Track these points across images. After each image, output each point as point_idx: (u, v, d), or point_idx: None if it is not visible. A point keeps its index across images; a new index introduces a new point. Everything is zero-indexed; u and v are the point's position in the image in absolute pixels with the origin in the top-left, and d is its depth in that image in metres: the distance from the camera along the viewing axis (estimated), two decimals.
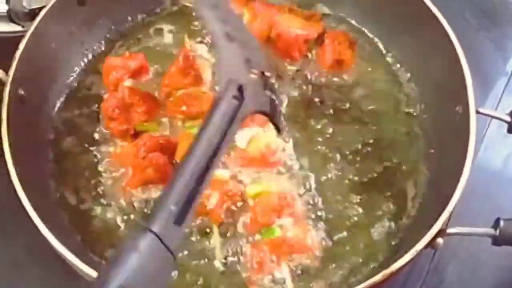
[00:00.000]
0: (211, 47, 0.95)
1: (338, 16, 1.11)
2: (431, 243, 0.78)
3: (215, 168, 0.68)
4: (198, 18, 0.99)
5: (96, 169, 0.95)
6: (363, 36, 1.09)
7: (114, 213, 0.91)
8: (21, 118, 0.90)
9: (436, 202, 0.83)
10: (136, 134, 0.95)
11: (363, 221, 0.90)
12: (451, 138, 0.91)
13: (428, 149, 0.96)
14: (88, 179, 0.94)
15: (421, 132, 0.98)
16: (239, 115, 0.75)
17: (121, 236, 0.88)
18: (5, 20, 1.07)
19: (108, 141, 0.97)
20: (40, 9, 0.98)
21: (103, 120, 0.98)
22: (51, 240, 0.77)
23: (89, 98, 1.02)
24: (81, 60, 1.06)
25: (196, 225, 0.88)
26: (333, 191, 0.92)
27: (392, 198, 0.92)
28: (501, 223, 0.79)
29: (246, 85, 0.78)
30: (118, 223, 0.90)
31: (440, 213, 0.78)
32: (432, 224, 0.78)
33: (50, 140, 0.98)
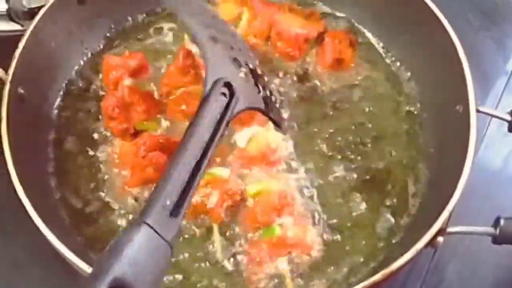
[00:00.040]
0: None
1: (338, 15, 1.11)
2: (431, 242, 0.78)
3: (208, 162, 0.69)
4: (181, 23, 0.98)
5: (96, 168, 0.95)
6: (363, 36, 1.09)
7: (114, 212, 0.91)
8: (20, 117, 0.90)
9: (436, 201, 0.83)
10: (136, 133, 0.95)
11: (363, 220, 0.90)
12: (451, 137, 0.91)
13: (428, 148, 0.96)
14: (88, 179, 0.94)
15: (421, 131, 0.98)
16: (230, 111, 0.76)
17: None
18: (5, 19, 1.07)
19: (108, 140, 0.97)
20: (39, 8, 0.98)
21: (103, 119, 0.98)
22: (51, 239, 0.77)
23: (88, 97, 1.02)
24: (81, 59, 1.06)
25: (196, 224, 0.88)
26: (333, 190, 0.92)
27: (393, 197, 0.92)
28: (501, 222, 0.79)
29: (235, 82, 0.78)
30: (118, 222, 0.90)
31: (440, 212, 0.78)
32: (432, 223, 0.78)
33: (50, 139, 0.98)
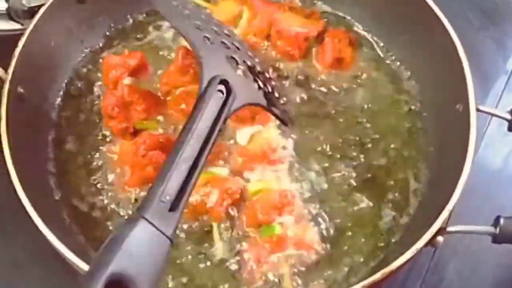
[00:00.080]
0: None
1: (338, 15, 1.11)
2: (431, 241, 0.78)
3: (206, 158, 0.69)
4: (173, 28, 0.97)
5: (96, 168, 0.95)
6: (363, 35, 1.09)
7: (114, 211, 0.91)
8: (20, 116, 0.90)
9: (436, 200, 0.83)
10: (136, 132, 0.95)
11: (363, 219, 0.90)
12: (451, 136, 0.91)
13: (428, 147, 0.96)
14: (88, 178, 0.94)
15: (421, 130, 0.98)
16: (227, 108, 0.76)
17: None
18: (5, 18, 1.07)
19: (108, 139, 0.97)
20: (39, 7, 0.98)
21: (102, 118, 0.98)
22: (51, 239, 0.77)
23: (88, 97, 1.02)
24: (81, 58, 1.06)
25: (195, 223, 0.88)
26: (334, 189, 0.92)
27: (393, 196, 0.92)
28: (501, 221, 0.79)
29: (231, 80, 0.78)
30: (118, 221, 0.90)
31: (440, 211, 0.78)
32: (432, 222, 0.77)
33: (49, 139, 0.98)
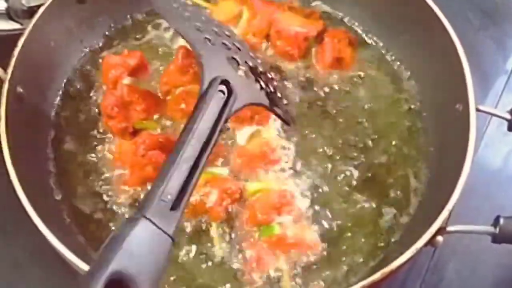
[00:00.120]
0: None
1: (338, 15, 1.11)
2: (431, 241, 0.78)
3: (207, 157, 0.69)
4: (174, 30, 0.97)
5: (96, 167, 0.95)
6: (363, 35, 1.08)
7: (114, 211, 0.91)
8: (19, 116, 0.89)
9: (436, 200, 0.83)
10: (135, 132, 0.95)
11: (363, 219, 0.90)
12: (451, 136, 0.91)
13: (428, 147, 0.96)
14: (88, 178, 0.94)
15: (421, 130, 0.98)
16: (228, 108, 0.76)
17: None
18: (4, 18, 1.07)
19: (107, 139, 0.97)
20: (38, 6, 0.98)
21: (102, 118, 0.98)
22: (51, 239, 0.77)
23: (88, 96, 1.02)
24: (80, 58, 1.06)
25: (195, 223, 0.88)
26: (333, 189, 0.92)
27: (393, 196, 0.92)
28: (501, 221, 0.79)
29: (232, 80, 0.78)
30: (118, 221, 0.90)
31: (440, 211, 0.78)
32: (432, 222, 0.77)
33: (49, 139, 0.98)
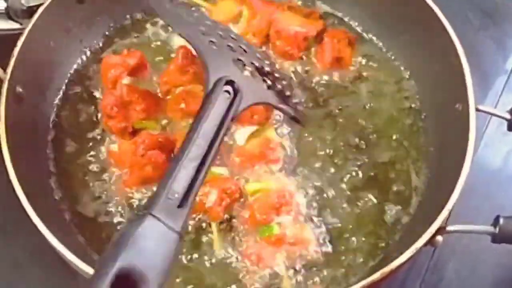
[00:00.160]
0: None
1: (337, 14, 1.11)
2: (431, 241, 0.78)
3: (215, 156, 0.70)
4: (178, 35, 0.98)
5: (95, 167, 0.94)
6: (363, 35, 1.08)
7: (114, 211, 0.90)
8: (19, 116, 0.89)
9: (436, 200, 0.83)
10: (135, 132, 0.95)
11: (362, 219, 0.90)
12: (450, 136, 0.91)
13: (428, 147, 0.96)
14: (87, 178, 0.94)
15: (421, 129, 0.98)
16: (234, 108, 0.76)
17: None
18: (4, 17, 1.07)
19: (107, 139, 0.97)
20: (38, 6, 0.98)
21: (101, 118, 0.98)
22: (51, 239, 0.77)
23: (87, 96, 1.02)
24: (80, 58, 1.06)
25: (194, 223, 0.88)
26: (333, 189, 0.92)
27: (393, 196, 0.92)
28: (501, 220, 0.79)
29: (238, 80, 0.78)
30: (117, 221, 0.90)
31: (440, 211, 0.78)
32: (432, 222, 0.78)
33: (48, 139, 0.98)
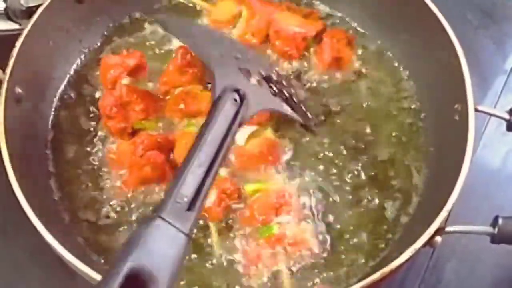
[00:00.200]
0: None
1: (337, 14, 1.11)
2: (430, 241, 0.78)
3: (222, 163, 0.70)
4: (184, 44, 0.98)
5: (94, 168, 0.95)
6: (362, 35, 1.08)
7: (113, 211, 0.91)
8: (18, 117, 0.90)
9: (435, 200, 0.83)
10: (134, 132, 0.95)
11: (362, 219, 0.90)
12: (450, 136, 0.91)
13: (428, 147, 0.96)
14: (87, 178, 0.94)
15: (420, 130, 0.98)
16: (241, 114, 0.77)
17: (120, 234, 0.88)
18: (3, 18, 1.07)
19: (106, 139, 0.97)
20: (37, 6, 0.98)
21: (101, 118, 0.98)
22: (50, 239, 0.77)
23: (86, 96, 1.02)
24: (79, 58, 1.06)
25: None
26: (333, 188, 0.92)
27: (392, 196, 0.92)
28: (500, 221, 0.79)
29: (244, 88, 0.79)
30: (117, 221, 0.90)
31: (439, 211, 0.78)
32: (431, 222, 0.77)
33: (48, 139, 0.98)
